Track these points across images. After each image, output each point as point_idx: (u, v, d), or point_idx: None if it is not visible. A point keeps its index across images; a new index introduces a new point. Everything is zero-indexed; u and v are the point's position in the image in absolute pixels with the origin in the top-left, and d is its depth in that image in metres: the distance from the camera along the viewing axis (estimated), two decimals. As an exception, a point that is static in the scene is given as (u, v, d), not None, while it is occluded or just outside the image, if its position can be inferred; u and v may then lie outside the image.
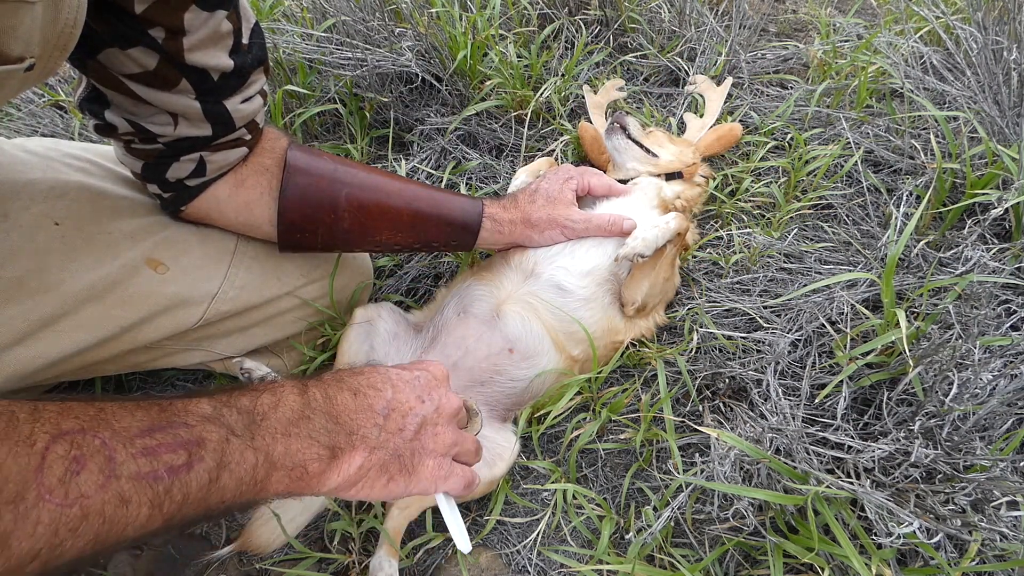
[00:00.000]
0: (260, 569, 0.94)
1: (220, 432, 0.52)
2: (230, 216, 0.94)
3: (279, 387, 0.59)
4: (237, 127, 0.85)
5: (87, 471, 0.44)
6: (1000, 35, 1.22)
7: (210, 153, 0.86)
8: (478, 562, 0.93)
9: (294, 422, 0.57)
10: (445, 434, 0.68)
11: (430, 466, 0.66)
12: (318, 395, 0.60)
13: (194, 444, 0.50)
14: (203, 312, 0.93)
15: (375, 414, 0.63)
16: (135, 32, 0.69)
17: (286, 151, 0.93)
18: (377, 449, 0.62)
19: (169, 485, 0.48)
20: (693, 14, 1.61)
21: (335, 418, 0.60)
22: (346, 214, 0.94)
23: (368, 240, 0.99)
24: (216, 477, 0.51)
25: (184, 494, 0.49)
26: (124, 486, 0.45)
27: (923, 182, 1.17)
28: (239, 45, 0.80)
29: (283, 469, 0.55)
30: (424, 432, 0.66)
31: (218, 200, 0.91)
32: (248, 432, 0.54)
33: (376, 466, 0.62)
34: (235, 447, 0.52)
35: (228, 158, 0.88)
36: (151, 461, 0.47)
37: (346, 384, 0.64)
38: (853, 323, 0.95)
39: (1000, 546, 0.74)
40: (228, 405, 0.54)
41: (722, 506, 0.84)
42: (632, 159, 1.25)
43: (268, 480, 0.55)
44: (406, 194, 0.99)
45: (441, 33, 1.43)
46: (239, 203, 0.92)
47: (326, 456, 0.58)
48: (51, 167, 0.88)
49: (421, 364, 0.74)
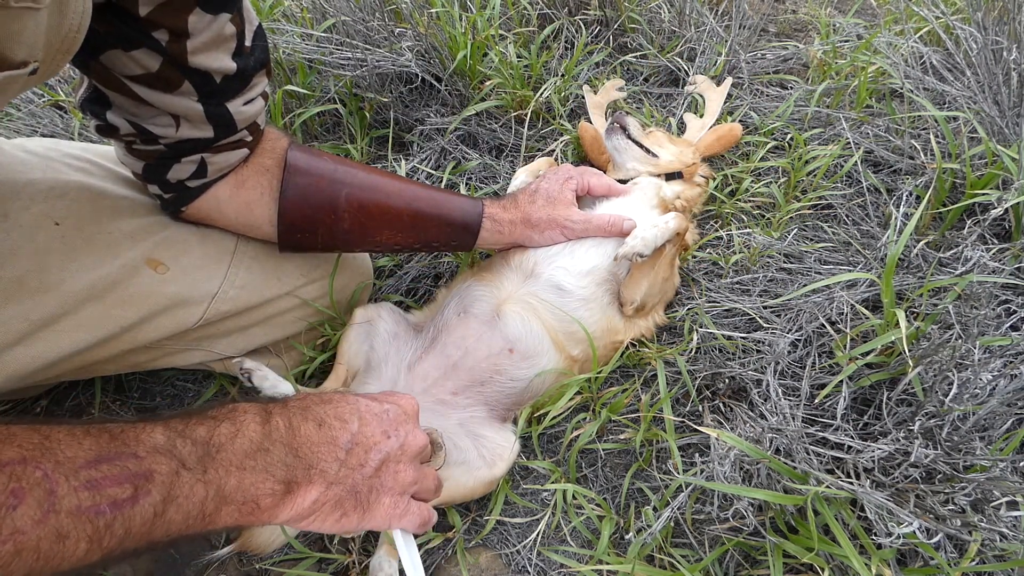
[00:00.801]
0: (260, 569, 0.94)
1: (170, 464, 0.50)
2: (230, 217, 0.94)
3: (241, 415, 0.57)
4: (239, 129, 0.85)
5: (24, 505, 0.42)
6: (1000, 35, 1.22)
7: (211, 155, 0.86)
8: (478, 562, 0.93)
9: (251, 454, 0.55)
10: (406, 472, 0.67)
11: (386, 504, 0.65)
12: (281, 424, 0.59)
13: (141, 477, 0.48)
14: (203, 312, 0.93)
15: (337, 448, 0.61)
16: (139, 34, 0.69)
17: (286, 151, 0.93)
18: (334, 484, 0.60)
19: (111, 520, 0.46)
20: (693, 14, 1.61)
21: (295, 450, 0.59)
22: (346, 214, 0.94)
23: (368, 240, 0.99)
24: (162, 511, 0.49)
25: (126, 528, 0.47)
26: (63, 521, 0.44)
27: (923, 182, 1.17)
28: (242, 48, 0.80)
29: (234, 503, 0.54)
30: (385, 469, 0.65)
31: (219, 201, 0.91)
32: (200, 465, 0.52)
33: (331, 501, 0.61)
34: (184, 480, 0.51)
35: (229, 159, 0.88)
36: (94, 495, 0.46)
37: (312, 414, 0.62)
38: (853, 323, 0.95)
39: (1000, 546, 0.74)
40: (183, 435, 0.52)
41: (722, 506, 0.84)
42: (632, 159, 1.25)
43: (217, 514, 0.53)
44: (406, 194, 0.99)
45: (441, 33, 1.43)
46: (239, 204, 0.92)
47: (280, 491, 0.57)
48: (51, 167, 0.88)
49: (392, 396, 0.72)
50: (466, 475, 0.93)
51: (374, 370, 1.03)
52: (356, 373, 1.05)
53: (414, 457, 0.69)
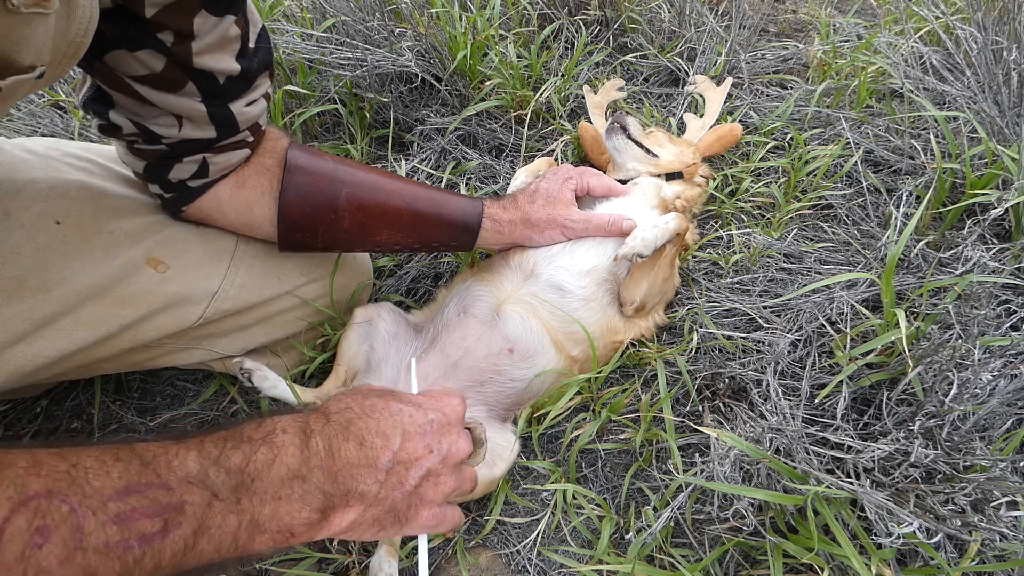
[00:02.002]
0: (260, 569, 0.94)
1: (203, 496, 0.49)
2: (231, 216, 0.94)
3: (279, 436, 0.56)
4: (241, 129, 0.85)
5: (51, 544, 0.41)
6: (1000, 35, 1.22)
7: (213, 155, 0.86)
8: (478, 562, 0.93)
9: (287, 482, 0.54)
10: (446, 482, 0.66)
11: (424, 515, 0.65)
12: (320, 447, 0.57)
13: (172, 510, 0.47)
14: (203, 311, 0.93)
15: (378, 470, 0.60)
16: (144, 35, 0.70)
17: (286, 151, 0.93)
18: (373, 506, 0.60)
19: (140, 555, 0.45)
20: (693, 14, 1.61)
21: (334, 476, 0.57)
22: (346, 214, 0.95)
23: (368, 240, 0.99)
24: (193, 544, 0.48)
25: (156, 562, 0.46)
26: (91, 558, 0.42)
27: (923, 182, 1.17)
28: (246, 49, 0.80)
29: (268, 532, 0.53)
30: (425, 483, 0.64)
31: (219, 200, 0.91)
32: (234, 495, 0.51)
33: (368, 520, 0.60)
34: (217, 511, 0.49)
35: (230, 159, 0.89)
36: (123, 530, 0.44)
37: (353, 431, 0.60)
38: (853, 323, 0.95)
39: (1000, 546, 0.74)
40: (217, 463, 0.51)
41: (722, 506, 0.84)
42: (632, 159, 1.25)
43: (251, 543, 0.52)
44: (406, 194, 0.99)
45: (441, 33, 1.43)
46: (240, 203, 0.92)
47: (316, 519, 0.56)
48: (52, 166, 0.88)
49: (438, 400, 0.70)
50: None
51: (374, 370, 1.03)
52: (356, 373, 1.05)
53: (455, 467, 0.68)
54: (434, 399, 0.70)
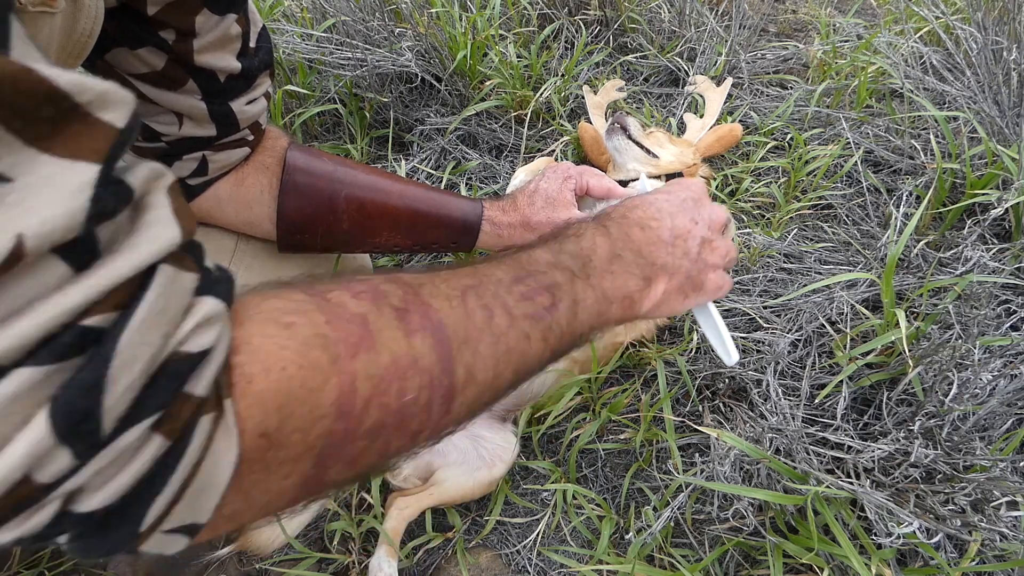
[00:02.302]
0: (260, 569, 0.94)
1: (566, 275, 0.59)
2: (230, 215, 0.94)
3: (587, 230, 0.65)
4: (241, 128, 0.85)
5: (496, 316, 0.51)
6: (1000, 35, 1.22)
7: (213, 153, 0.86)
8: (478, 562, 0.93)
9: (611, 260, 0.63)
10: (720, 247, 0.73)
11: (712, 279, 0.72)
12: (616, 234, 0.66)
13: (553, 287, 0.57)
14: None
15: (665, 244, 0.68)
16: (145, 33, 0.70)
17: (286, 150, 0.94)
18: (674, 275, 0.68)
19: (550, 322, 0.55)
20: (693, 14, 1.61)
21: (638, 252, 0.66)
22: (345, 215, 0.95)
23: (368, 241, 0.99)
24: (574, 314, 0.58)
25: (560, 328, 0.56)
26: (522, 324, 0.53)
27: (923, 182, 1.17)
28: (247, 48, 0.80)
29: (615, 301, 0.63)
30: (704, 249, 0.71)
31: (219, 199, 0.92)
32: (584, 273, 0.60)
33: (675, 288, 0.68)
34: (580, 286, 0.59)
35: (230, 158, 0.89)
36: (530, 304, 0.54)
37: (631, 220, 0.68)
38: (853, 323, 0.95)
39: (1000, 546, 0.74)
40: (561, 251, 0.61)
41: (722, 506, 0.84)
42: (632, 159, 1.25)
43: (608, 311, 0.62)
44: (406, 195, 0.99)
45: (441, 33, 1.43)
46: (240, 202, 0.93)
47: (642, 286, 0.65)
48: None
49: (679, 184, 0.76)
50: (466, 476, 0.93)
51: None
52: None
53: (720, 231, 0.75)
54: (674, 184, 0.77)
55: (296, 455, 0.40)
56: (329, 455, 0.42)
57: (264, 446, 0.38)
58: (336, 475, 0.43)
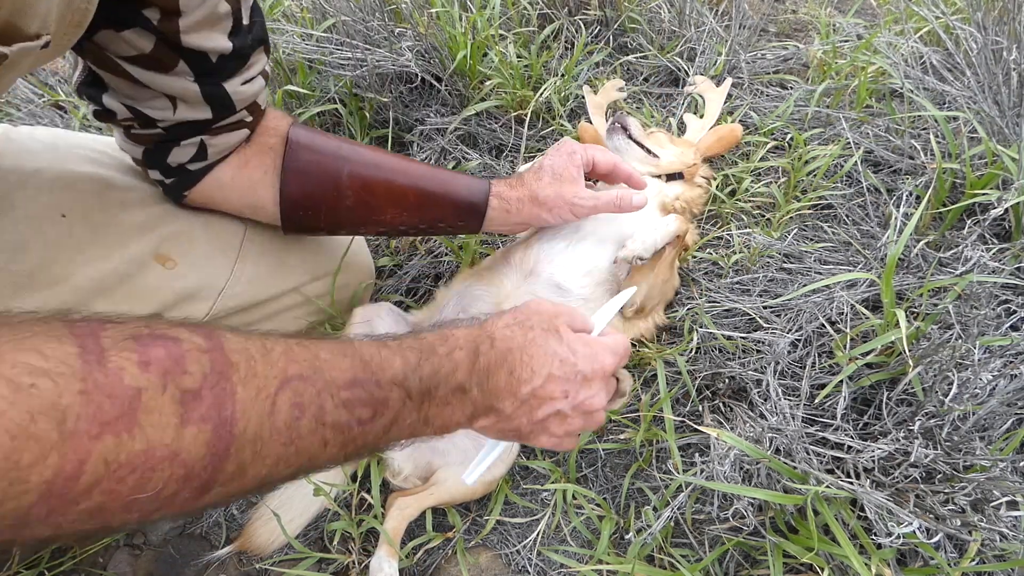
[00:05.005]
0: (260, 569, 0.94)
1: (400, 395, 0.59)
2: (234, 198, 0.93)
3: (457, 355, 0.65)
4: (238, 109, 0.84)
5: (305, 418, 0.51)
6: (1000, 35, 1.22)
7: (210, 136, 0.85)
8: (478, 562, 0.93)
9: (454, 393, 0.64)
10: (572, 423, 0.72)
11: (543, 440, 0.72)
12: (481, 368, 0.66)
13: (380, 403, 0.57)
14: (210, 307, 0.93)
15: (516, 398, 0.68)
16: (129, 13, 0.68)
17: (289, 130, 0.92)
18: (503, 421, 0.69)
19: (356, 434, 0.56)
20: (693, 14, 1.61)
21: (485, 393, 0.67)
22: (349, 191, 0.93)
23: (372, 220, 0.98)
24: (387, 431, 0.59)
25: (364, 441, 0.57)
26: (327, 433, 0.53)
27: (923, 182, 1.17)
28: (239, 26, 0.78)
29: (432, 427, 0.64)
30: (552, 419, 0.71)
31: (221, 183, 0.91)
32: (419, 398, 0.61)
33: (496, 429, 0.70)
34: (408, 409, 0.60)
35: (229, 141, 0.87)
36: (347, 413, 0.54)
37: (508, 361, 0.68)
38: (853, 323, 0.95)
39: (1000, 546, 0.74)
40: (415, 371, 0.61)
41: (722, 506, 0.84)
42: (633, 160, 1.25)
43: (421, 432, 0.64)
44: (411, 173, 0.97)
45: (441, 33, 1.43)
46: (243, 184, 0.91)
47: (465, 422, 0.67)
48: (58, 156, 0.88)
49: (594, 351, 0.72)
50: (466, 475, 0.93)
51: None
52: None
53: (584, 413, 0.73)
54: (591, 350, 0.72)
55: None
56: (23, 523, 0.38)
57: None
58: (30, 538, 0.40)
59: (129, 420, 0.40)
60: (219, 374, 0.46)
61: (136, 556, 0.97)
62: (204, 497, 0.46)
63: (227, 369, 0.46)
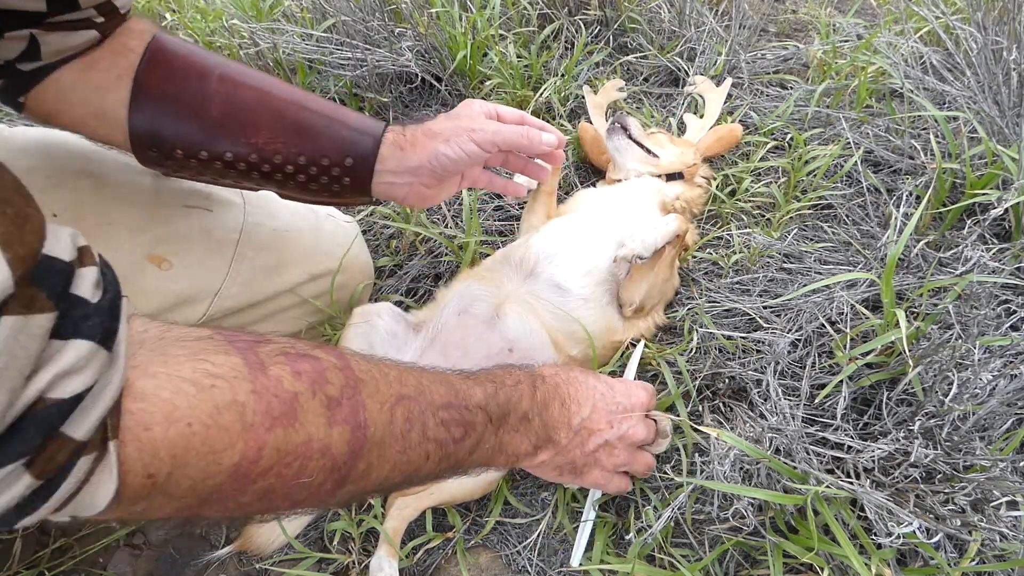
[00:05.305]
0: (260, 569, 0.94)
1: (484, 419, 0.66)
2: (77, 106, 0.79)
3: (521, 387, 0.73)
4: (82, 7, 0.72)
5: (414, 431, 0.58)
6: (1000, 35, 1.22)
7: (43, 32, 0.72)
8: (478, 562, 0.93)
9: (522, 421, 0.72)
10: (619, 456, 0.80)
11: (595, 475, 0.80)
12: (540, 399, 0.74)
13: (469, 425, 0.64)
14: (206, 309, 0.92)
15: (570, 429, 0.76)
16: None
17: (155, 33, 0.80)
18: (560, 454, 0.76)
19: (451, 451, 0.63)
20: (693, 14, 1.61)
21: (545, 423, 0.74)
22: (217, 97, 0.80)
23: (242, 139, 0.82)
24: (473, 451, 0.66)
25: (456, 459, 0.64)
26: (430, 446, 0.60)
27: (923, 182, 1.17)
28: None
29: (505, 454, 0.71)
30: (602, 451, 0.79)
31: (62, 87, 0.78)
32: (497, 423, 0.68)
33: (553, 465, 0.77)
34: (488, 433, 0.67)
35: (69, 41, 0.74)
36: (445, 431, 0.62)
37: (559, 393, 0.77)
38: (853, 323, 0.95)
39: (1000, 546, 0.74)
40: (493, 398, 0.68)
41: (722, 506, 0.84)
42: (633, 160, 1.25)
43: (495, 459, 0.70)
44: (294, 95, 0.85)
45: (441, 33, 1.43)
46: (88, 88, 0.78)
47: (531, 451, 0.73)
48: (50, 156, 0.86)
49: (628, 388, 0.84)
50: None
51: (374, 370, 1.03)
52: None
53: (630, 445, 0.82)
54: (626, 387, 0.84)
55: (181, 494, 0.44)
56: (213, 501, 0.46)
57: (148, 485, 0.41)
58: (213, 515, 0.48)
59: (292, 417, 0.48)
60: (352, 388, 0.53)
61: (136, 556, 0.97)
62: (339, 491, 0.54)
63: (358, 384, 0.54)
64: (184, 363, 0.44)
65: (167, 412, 0.41)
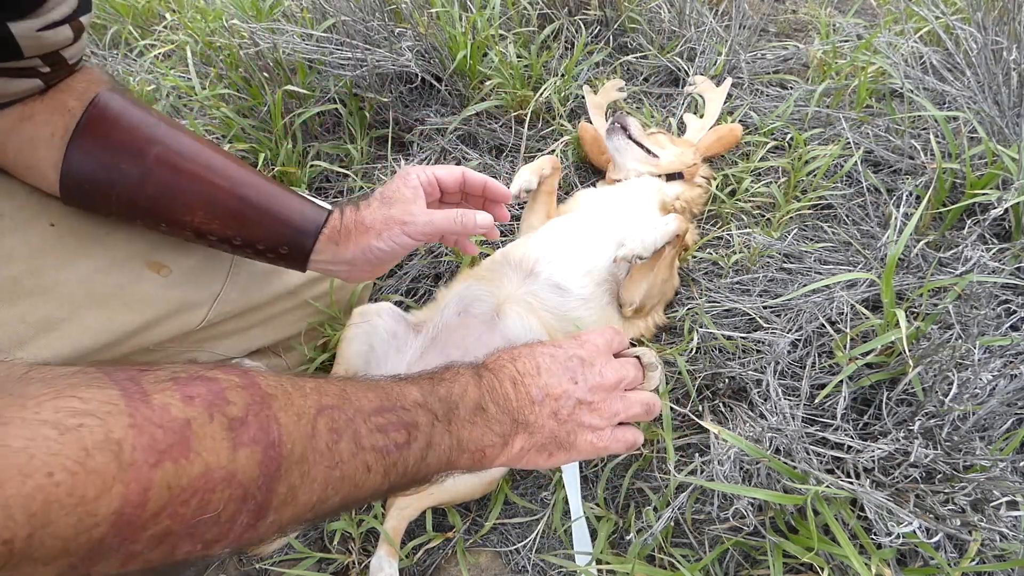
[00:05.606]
0: (260, 569, 0.94)
1: (428, 417, 0.60)
2: (11, 154, 0.79)
3: (461, 377, 0.67)
4: (26, 56, 0.71)
5: (343, 442, 0.52)
6: (1000, 35, 1.22)
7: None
8: (478, 562, 0.93)
9: (475, 411, 0.65)
10: (605, 408, 0.71)
11: (589, 439, 0.70)
12: (488, 385, 0.68)
13: (411, 426, 0.58)
14: (206, 314, 0.92)
15: (533, 403, 0.69)
16: None
17: (98, 95, 0.79)
18: (535, 434, 0.68)
19: (396, 458, 0.56)
20: (693, 14, 1.61)
21: (502, 408, 0.67)
22: (152, 177, 0.79)
23: (176, 217, 0.83)
24: (424, 455, 0.59)
25: (404, 467, 0.57)
26: (368, 456, 0.54)
27: (923, 182, 1.17)
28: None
29: (468, 452, 0.64)
30: (579, 411, 0.70)
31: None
32: (446, 418, 0.62)
33: (534, 447, 0.68)
34: (438, 430, 0.61)
35: (9, 87, 0.74)
36: (383, 437, 0.55)
37: (506, 373, 0.70)
38: (853, 323, 0.95)
39: (1000, 546, 0.74)
40: (432, 393, 0.62)
41: (722, 506, 0.84)
42: (633, 160, 1.25)
43: (458, 459, 0.63)
44: (235, 176, 0.84)
45: (441, 33, 1.43)
46: (22, 139, 0.78)
47: (499, 443, 0.66)
48: None
49: (578, 339, 0.75)
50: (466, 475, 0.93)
51: (373, 370, 1.04)
52: (355, 374, 1.05)
53: (611, 391, 0.72)
54: (576, 339, 0.75)
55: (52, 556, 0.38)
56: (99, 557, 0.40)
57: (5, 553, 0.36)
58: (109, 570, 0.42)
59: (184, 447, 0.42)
60: (259, 403, 0.48)
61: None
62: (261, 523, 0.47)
63: (266, 399, 0.49)
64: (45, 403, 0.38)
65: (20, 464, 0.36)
